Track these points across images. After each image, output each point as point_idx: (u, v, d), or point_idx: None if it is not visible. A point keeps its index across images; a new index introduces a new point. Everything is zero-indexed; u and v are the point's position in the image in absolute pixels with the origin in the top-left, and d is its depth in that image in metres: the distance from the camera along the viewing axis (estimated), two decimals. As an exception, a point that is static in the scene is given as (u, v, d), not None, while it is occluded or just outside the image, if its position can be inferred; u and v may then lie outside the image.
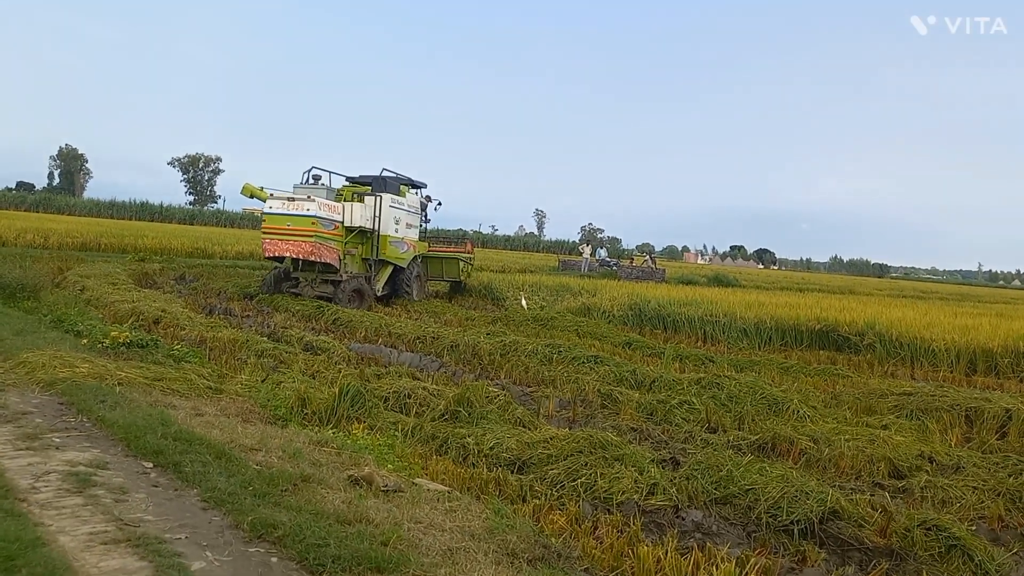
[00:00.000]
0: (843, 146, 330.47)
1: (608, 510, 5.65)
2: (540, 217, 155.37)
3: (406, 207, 21.06)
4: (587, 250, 49.88)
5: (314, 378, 9.39)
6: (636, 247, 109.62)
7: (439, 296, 24.21)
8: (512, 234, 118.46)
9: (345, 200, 19.46)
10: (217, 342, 11.25)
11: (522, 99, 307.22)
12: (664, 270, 42.84)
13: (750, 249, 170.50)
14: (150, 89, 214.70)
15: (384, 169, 21.10)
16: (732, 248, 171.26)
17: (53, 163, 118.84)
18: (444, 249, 26.20)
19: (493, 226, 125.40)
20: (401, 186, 21.37)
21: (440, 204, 23.92)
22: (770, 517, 5.60)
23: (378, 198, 19.68)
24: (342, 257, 18.86)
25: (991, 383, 12.92)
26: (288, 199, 18.13)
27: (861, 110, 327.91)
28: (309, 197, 18.05)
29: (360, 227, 19.15)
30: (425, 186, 23.08)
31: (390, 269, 20.77)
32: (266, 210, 18.57)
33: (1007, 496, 6.28)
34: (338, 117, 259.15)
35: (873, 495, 6.17)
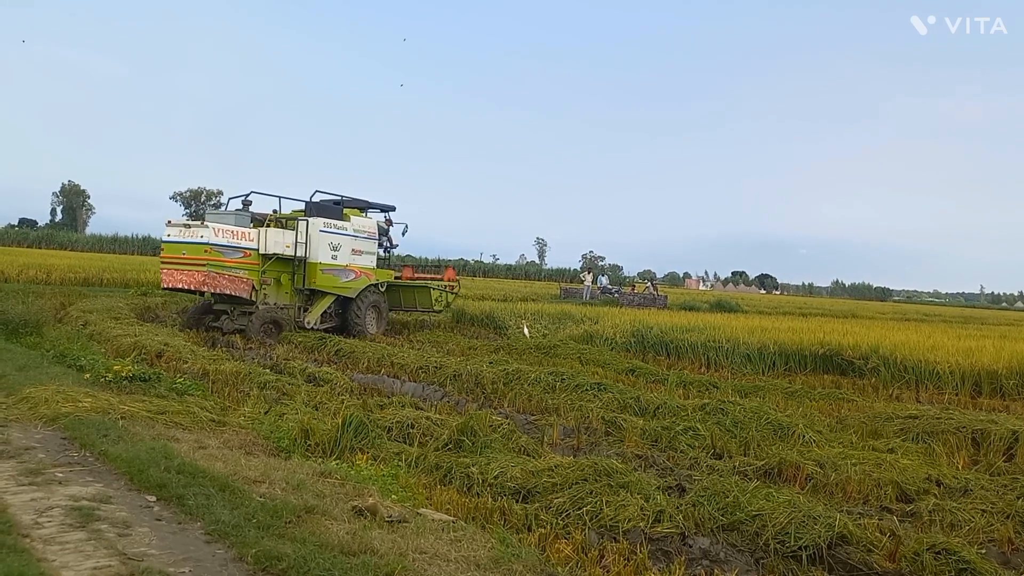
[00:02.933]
0: (841, 171, 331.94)
1: (614, 538, 5.60)
2: (541, 245, 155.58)
3: (349, 232, 19.37)
4: (588, 278, 49.83)
5: (317, 409, 9.36)
6: (637, 274, 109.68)
7: (440, 326, 24.04)
8: (513, 263, 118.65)
9: (269, 226, 18.03)
10: (220, 375, 11.25)
11: (522, 129, 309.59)
12: (666, 296, 42.82)
13: (752, 275, 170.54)
14: (151, 124, 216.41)
15: (316, 191, 19.43)
16: (734, 274, 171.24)
17: (56, 199, 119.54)
18: (419, 277, 24.25)
19: (494, 255, 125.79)
20: (348, 210, 19.99)
21: (407, 228, 22.32)
22: (778, 543, 5.56)
23: (305, 223, 18.21)
24: (257, 287, 17.55)
25: (997, 405, 12.86)
26: (184, 226, 17.06)
27: (859, 135, 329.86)
28: (203, 223, 16.84)
29: (278, 254, 17.72)
30: (392, 209, 21.94)
31: (329, 300, 19.16)
32: (164, 238, 17.51)
33: (1016, 519, 6.23)
34: (339, 149, 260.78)
35: (881, 519, 6.12)
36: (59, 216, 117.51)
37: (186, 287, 16.87)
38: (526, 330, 21.97)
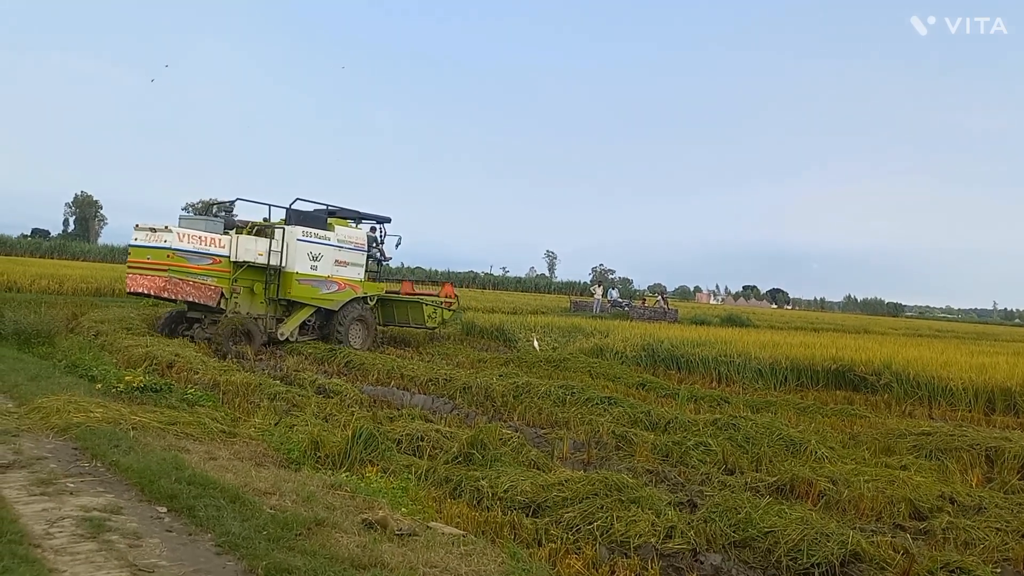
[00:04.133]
0: (854, 185, 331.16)
1: (625, 554, 5.57)
2: (551, 258, 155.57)
3: (332, 242, 18.65)
4: (599, 291, 49.80)
5: (327, 421, 9.37)
6: (648, 287, 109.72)
7: (450, 339, 24.05)
8: (523, 276, 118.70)
9: (246, 233, 17.47)
10: (230, 386, 11.27)
11: (533, 142, 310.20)
12: (676, 310, 42.74)
13: (763, 289, 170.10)
14: (165, 134, 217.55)
15: (297, 199, 18.57)
16: (745, 288, 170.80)
17: (68, 210, 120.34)
18: (416, 292, 23.53)
19: (504, 268, 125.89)
20: (335, 219, 19.43)
21: (401, 241, 21.45)
22: (790, 560, 5.51)
23: (282, 231, 17.64)
24: (228, 295, 16.92)
25: (1011, 422, 12.75)
26: (150, 230, 16.40)
27: (872, 148, 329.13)
28: (167, 227, 16.20)
29: (250, 262, 17.06)
30: (387, 221, 21.11)
31: (308, 311, 18.50)
32: (131, 242, 16.98)
33: (1032, 537, 6.16)
34: (351, 160, 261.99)
35: (894, 537, 6.06)
36: (72, 226, 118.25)
37: (147, 292, 16.37)
38: (536, 343, 21.94)
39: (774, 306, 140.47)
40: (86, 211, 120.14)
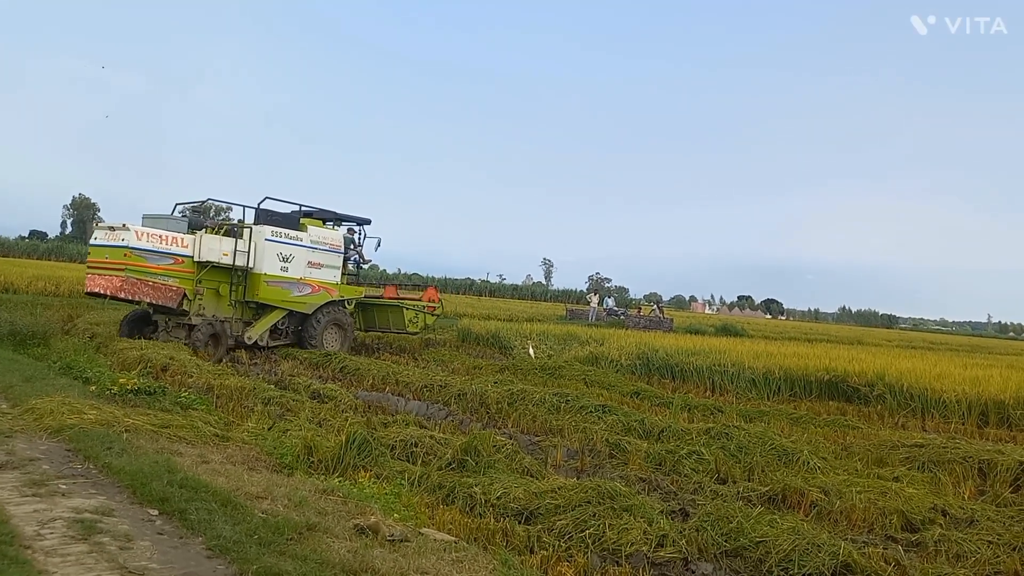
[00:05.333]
0: (849, 196, 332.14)
1: (617, 562, 5.58)
2: (548, 266, 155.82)
3: (305, 243, 18.12)
4: (595, 299, 49.85)
5: (321, 426, 9.37)
6: (644, 296, 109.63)
7: (446, 345, 24.02)
8: (520, 283, 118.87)
9: (212, 233, 16.98)
10: (224, 389, 11.26)
11: (531, 150, 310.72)
12: (672, 319, 42.76)
13: (757, 299, 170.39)
14: (163, 137, 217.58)
15: (267, 198, 17.89)
16: (740, 298, 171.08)
17: (66, 212, 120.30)
18: (399, 297, 23.00)
19: (501, 275, 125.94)
20: (309, 220, 18.86)
21: (380, 243, 20.93)
22: (781, 570, 5.52)
23: (249, 230, 17.09)
24: (191, 296, 16.38)
25: (1004, 435, 12.77)
26: (109, 229, 15.97)
27: (866, 160, 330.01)
28: (124, 226, 15.65)
29: (214, 263, 16.51)
30: (367, 223, 20.65)
31: (278, 315, 17.93)
32: (91, 241, 16.57)
33: (1023, 551, 6.17)
34: (345, 166, 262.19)
35: (886, 549, 6.07)
36: (69, 229, 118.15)
37: (103, 292, 15.77)
38: (531, 351, 21.94)
39: (768, 316, 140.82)
40: (84, 213, 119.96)
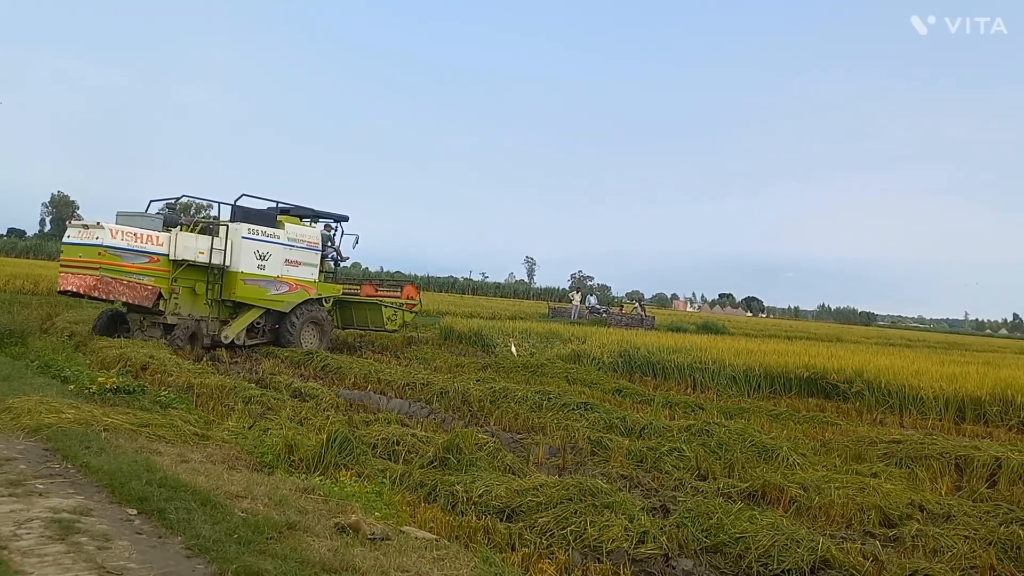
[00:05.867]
0: (828, 196, 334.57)
1: (598, 559, 5.60)
2: (530, 264, 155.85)
3: (282, 240, 17.94)
4: (577, 297, 49.99)
5: (302, 424, 9.33)
6: (626, 294, 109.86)
7: (428, 343, 23.98)
8: (502, 281, 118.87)
9: (188, 230, 16.85)
10: (204, 388, 11.19)
11: (513, 148, 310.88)
12: (653, 317, 42.91)
13: (738, 297, 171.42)
14: (144, 135, 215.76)
15: (243, 195, 17.78)
16: (721, 296, 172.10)
17: (45, 210, 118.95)
18: (378, 294, 22.87)
19: (484, 273, 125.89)
20: (286, 217, 18.73)
21: (358, 240, 20.90)
22: (761, 566, 5.56)
23: (225, 228, 16.98)
24: (166, 295, 16.24)
25: (980, 431, 12.92)
26: (83, 227, 15.84)
27: (848, 158, 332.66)
28: (99, 224, 15.54)
29: (190, 261, 16.36)
30: (344, 219, 20.62)
31: (255, 313, 17.79)
32: (64, 239, 16.36)
33: (999, 545, 6.24)
34: (327, 165, 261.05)
35: (864, 544, 6.13)
36: (48, 226, 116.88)
37: (77, 291, 15.61)
38: (514, 348, 21.95)
39: (749, 314, 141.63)
40: (63, 211, 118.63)
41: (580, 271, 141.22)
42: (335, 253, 20.68)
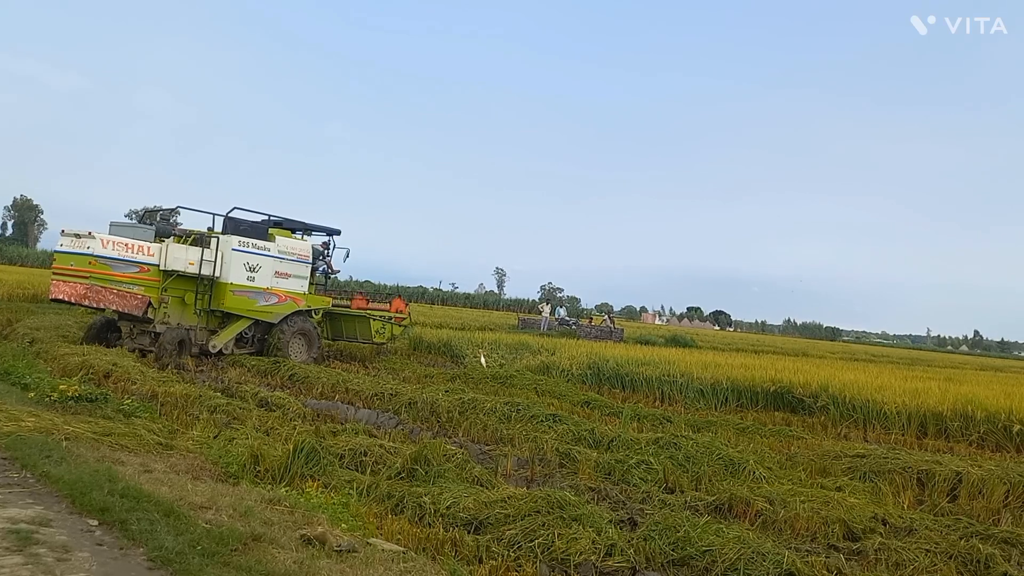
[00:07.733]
0: (795, 211, 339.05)
1: (566, 572, 5.60)
2: (500, 275, 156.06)
3: (272, 253, 18.12)
4: (547, 309, 50.09)
5: (268, 435, 9.22)
6: (595, 307, 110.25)
7: (397, 354, 23.86)
8: (472, 292, 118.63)
9: (180, 242, 16.96)
10: (169, 397, 11.04)
11: (483, 159, 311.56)
12: (623, 330, 43.11)
13: (706, 310, 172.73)
14: (108, 139, 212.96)
15: (235, 207, 17.88)
16: (689, 309, 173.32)
17: (7, 213, 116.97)
18: (367, 306, 23.02)
19: (453, 284, 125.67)
20: (277, 230, 18.88)
21: (349, 254, 21.01)
22: (727, 579, 5.59)
23: (216, 240, 17.11)
24: (156, 305, 16.34)
25: (941, 446, 13.13)
26: (75, 236, 15.82)
27: (812, 176, 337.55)
28: (90, 233, 15.61)
29: (178, 271, 16.46)
30: (336, 233, 20.75)
31: (243, 324, 17.89)
32: (56, 248, 16.48)
33: (959, 559, 6.34)
34: (300, 173, 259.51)
35: (828, 557, 6.19)
36: (10, 231, 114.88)
37: (67, 299, 15.66)
38: (483, 359, 21.92)
39: (717, 328, 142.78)
40: (25, 215, 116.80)
41: (550, 283, 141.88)
42: (326, 266, 20.75)
